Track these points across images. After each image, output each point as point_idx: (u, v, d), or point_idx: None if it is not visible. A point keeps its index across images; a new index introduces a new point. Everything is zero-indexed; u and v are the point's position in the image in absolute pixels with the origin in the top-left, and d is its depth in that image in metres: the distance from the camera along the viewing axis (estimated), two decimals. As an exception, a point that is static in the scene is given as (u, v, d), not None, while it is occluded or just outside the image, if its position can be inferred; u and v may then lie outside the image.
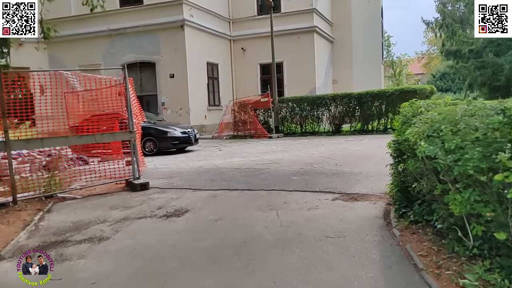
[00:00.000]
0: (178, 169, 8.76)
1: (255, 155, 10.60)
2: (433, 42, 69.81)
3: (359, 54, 24.81)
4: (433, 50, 71.22)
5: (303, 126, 16.88)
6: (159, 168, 9.06)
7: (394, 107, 14.91)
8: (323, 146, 11.83)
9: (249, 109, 17.36)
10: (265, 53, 20.69)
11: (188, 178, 7.51)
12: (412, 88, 14.50)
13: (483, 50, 24.85)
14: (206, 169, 8.51)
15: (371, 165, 7.58)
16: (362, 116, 15.64)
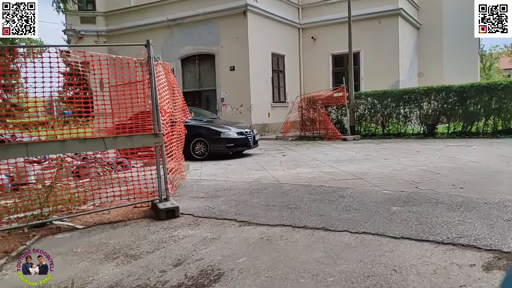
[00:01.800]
0: (227, 183, 6.63)
1: (328, 164, 8.18)
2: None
3: (451, 43, 21.04)
4: (526, 42, 62.88)
5: (386, 127, 14.02)
6: (204, 180, 7.00)
7: (509, 103, 11.58)
8: (418, 154, 9.05)
9: (319, 105, 14.87)
10: (338, 42, 18.07)
11: (237, 199, 5.33)
12: (537, 78, 11.11)
13: None
14: (263, 184, 6.29)
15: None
16: (464, 114, 12.43)
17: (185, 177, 7.12)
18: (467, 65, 21.85)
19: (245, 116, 16.12)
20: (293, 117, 15.98)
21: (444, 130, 13.14)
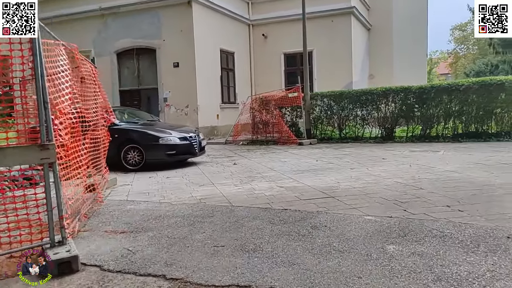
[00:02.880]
0: (162, 205, 5.10)
1: (288, 175, 6.89)
2: (460, 40, 65.37)
3: (401, 45, 20.78)
4: (460, 49, 66.71)
5: (343, 130, 13.07)
6: (131, 202, 5.41)
7: (470, 105, 11.01)
8: (386, 162, 8.03)
9: (272, 107, 13.64)
10: (291, 41, 17.04)
11: (171, 234, 3.84)
12: (498, 80, 10.56)
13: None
14: (209, 208, 4.84)
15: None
16: (424, 117, 11.74)
17: (103, 199, 5.47)
18: (416, 68, 21.76)
19: (191, 118, 14.53)
20: (244, 119, 14.63)
21: (403, 134, 12.42)
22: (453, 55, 66.59)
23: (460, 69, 57.84)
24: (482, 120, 10.94)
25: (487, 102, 10.68)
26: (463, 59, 64.90)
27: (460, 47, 67.57)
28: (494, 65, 40.68)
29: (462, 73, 53.39)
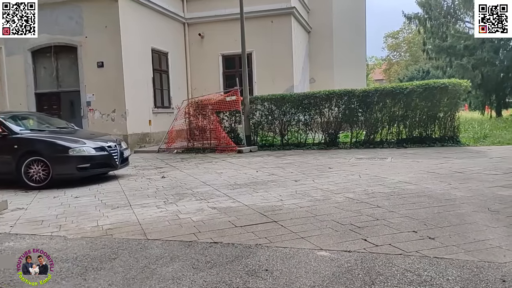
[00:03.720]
0: (52, 241, 3.83)
1: (223, 191, 5.83)
2: (393, 47, 68.81)
3: (341, 50, 20.63)
4: (393, 56, 70.21)
5: (285, 136, 12.29)
6: (13, 237, 4.06)
7: (415, 109, 10.69)
8: (333, 172, 7.25)
9: (209, 111, 12.53)
10: (229, 41, 16.07)
11: (46, 296, 2.65)
12: (441, 83, 10.32)
13: (480, 46, 21.56)
14: (114, 245, 3.65)
15: (500, 233, 3.17)
16: (368, 122, 11.27)
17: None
18: (356, 73, 21.74)
19: (118, 124, 13.00)
20: (179, 125, 13.37)
21: (346, 139, 11.89)
22: (387, 62, 69.80)
23: (393, 75, 60.66)
24: (425, 124, 10.66)
25: (431, 106, 10.40)
26: (396, 65, 68.24)
27: (393, 54, 71.08)
28: (426, 71, 42.89)
29: (396, 79, 55.91)
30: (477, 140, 11.17)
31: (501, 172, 6.28)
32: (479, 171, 6.47)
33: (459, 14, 25.71)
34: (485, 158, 7.90)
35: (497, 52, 21.16)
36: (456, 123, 10.61)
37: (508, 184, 5.38)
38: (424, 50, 28.37)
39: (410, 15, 26.96)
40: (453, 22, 25.64)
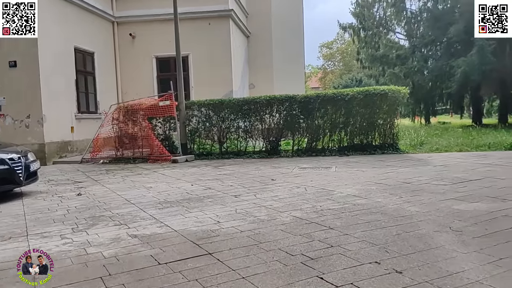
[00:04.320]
0: None
1: (149, 212, 4.91)
2: (328, 57, 71.28)
3: (280, 55, 20.36)
4: (327, 65, 72.69)
5: (224, 143, 11.52)
6: None
7: (356, 116, 10.45)
8: (275, 184, 6.59)
9: (140, 117, 11.43)
10: (164, 43, 14.96)
11: None
12: (381, 89, 10.19)
13: (411, 56, 22.45)
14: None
15: (474, 261, 2.63)
16: (310, 129, 10.86)
17: None
18: (296, 80, 21.56)
19: (34, 132, 11.42)
20: (106, 132, 12.06)
21: (288, 147, 11.39)
22: (322, 71, 71.98)
23: (329, 84, 62.54)
24: (366, 132, 10.47)
25: (371, 113, 10.23)
26: (331, 74, 70.57)
27: (328, 63, 73.49)
28: (358, 79, 44.53)
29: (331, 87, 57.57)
30: (415, 147, 11.21)
31: (449, 182, 6.01)
32: (427, 181, 6.17)
33: (390, 25, 26.71)
34: (429, 167, 7.72)
35: (426, 61, 22.18)
36: (395, 130, 10.54)
37: (460, 197, 5.05)
38: (358, 59, 29.17)
39: (345, 25, 27.58)
40: (384, 33, 26.59)
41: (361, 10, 26.42)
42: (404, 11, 23.70)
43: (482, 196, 5.02)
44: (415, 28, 23.04)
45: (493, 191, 5.30)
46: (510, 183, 5.74)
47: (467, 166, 7.43)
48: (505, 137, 11.42)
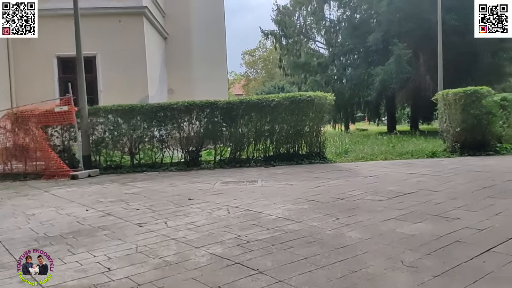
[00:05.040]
0: None
1: (17, 255, 3.58)
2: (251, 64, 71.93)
3: (202, 59, 19.33)
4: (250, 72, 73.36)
5: (136, 155, 10.17)
6: None
7: (282, 124, 9.80)
8: (193, 206, 5.54)
9: (32, 126, 9.65)
10: (67, 41, 13.02)
11: None
12: (308, 96, 9.66)
13: (331, 64, 22.80)
14: None
15: None
16: (233, 137, 9.99)
17: None
18: (218, 85, 20.61)
19: None
20: (-9, 144, 10.05)
21: (210, 157, 10.40)
22: (245, 78, 72.26)
23: (252, 91, 62.83)
24: (293, 140, 9.88)
25: (297, 121, 9.67)
26: (254, 81, 71.12)
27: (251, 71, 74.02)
28: (281, 87, 45.04)
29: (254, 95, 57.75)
30: (340, 155, 10.89)
31: (384, 197, 5.47)
32: (361, 196, 5.58)
33: (310, 33, 27.08)
34: (359, 178, 7.23)
35: (345, 69, 22.69)
36: (322, 139, 10.09)
37: (401, 216, 4.47)
38: (281, 66, 29.17)
39: (267, 31, 27.40)
40: (305, 41, 26.87)
41: (282, 17, 26.41)
42: (323, 20, 24.09)
43: (423, 214, 4.49)
44: (334, 37, 23.51)
45: (431, 207, 4.82)
46: (444, 197, 5.34)
47: (397, 177, 7.06)
48: (425, 144, 11.62)
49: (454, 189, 5.80)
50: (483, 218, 4.21)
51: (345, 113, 24.83)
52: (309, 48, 25.02)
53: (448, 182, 6.36)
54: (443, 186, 6.00)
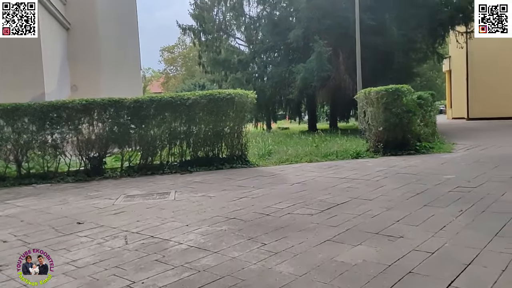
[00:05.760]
0: None
1: None
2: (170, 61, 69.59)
3: (111, 53, 17.54)
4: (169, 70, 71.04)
5: (23, 164, 8.44)
6: None
7: (200, 124, 8.79)
8: (80, 235, 4.31)
9: None
10: None
11: None
12: (227, 93, 8.73)
13: (252, 61, 22.22)
14: None
15: None
16: (144, 140, 8.75)
17: None
18: (130, 83, 18.90)
19: None
20: None
21: (116, 164, 9.02)
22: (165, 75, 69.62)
23: (172, 89, 60.57)
24: (212, 142, 8.91)
25: (217, 121, 8.73)
26: (174, 79, 68.79)
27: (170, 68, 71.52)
28: (201, 85, 43.76)
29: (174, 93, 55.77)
30: (263, 157, 10.17)
31: (315, 210, 4.76)
32: (289, 210, 4.82)
33: (230, 30, 26.24)
34: (285, 185, 6.50)
35: (266, 67, 22.24)
36: (243, 140, 9.27)
37: (337, 236, 3.76)
38: (200, 63, 27.94)
39: (185, 26, 26.02)
40: (225, 38, 25.99)
41: (201, 12, 25.23)
42: (243, 16, 23.41)
43: (362, 232, 3.83)
44: (255, 34, 22.95)
45: (368, 222, 4.19)
46: (379, 207, 4.79)
47: (326, 183, 6.46)
48: (348, 144, 11.38)
49: (387, 196, 5.29)
50: (428, 234, 3.65)
51: (266, 112, 24.43)
52: (229, 45, 24.15)
53: (379, 187, 5.87)
54: (375, 193, 5.48)
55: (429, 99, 11.67)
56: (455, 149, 10.23)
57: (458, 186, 5.66)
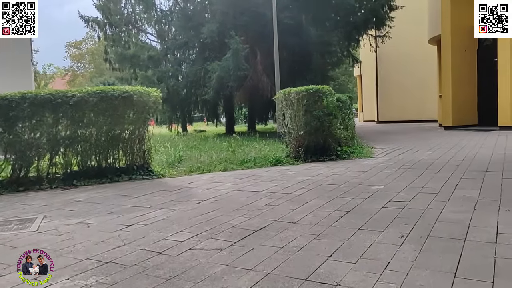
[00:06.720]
0: None
1: None
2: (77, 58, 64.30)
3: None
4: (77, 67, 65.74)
5: None
6: None
7: (90, 127, 7.20)
8: None
9: None
10: None
11: None
12: (124, 90, 7.24)
13: (164, 58, 20.58)
14: None
15: None
16: (14, 148, 6.93)
17: None
18: (19, 76, 16.15)
19: None
20: None
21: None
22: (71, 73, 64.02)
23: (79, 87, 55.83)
24: (106, 150, 7.38)
25: (112, 124, 7.23)
26: (81, 77, 63.54)
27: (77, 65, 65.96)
28: (111, 83, 40.55)
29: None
30: (172, 165, 8.86)
31: (226, 242, 3.64)
32: (191, 244, 3.63)
33: (140, 24, 24.28)
34: (191, 204, 5.29)
35: (180, 65, 20.77)
36: (146, 146, 7.87)
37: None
38: (107, 59, 25.50)
39: (89, 17, 23.48)
40: (135, 32, 23.97)
41: (106, 3, 22.94)
42: (153, 10, 21.68)
43: (286, 278, 2.80)
44: (167, 29, 21.35)
45: (293, 259, 3.18)
46: (305, 234, 3.84)
47: (241, 199, 5.39)
48: (267, 149, 10.52)
49: (313, 216, 4.37)
50: (372, 279, 2.73)
51: (182, 113, 22.95)
52: (139, 40, 22.23)
53: (303, 204, 4.95)
54: (300, 213, 4.54)
55: (347, 101, 11.31)
56: (375, 154, 9.89)
57: (389, 200, 4.95)
